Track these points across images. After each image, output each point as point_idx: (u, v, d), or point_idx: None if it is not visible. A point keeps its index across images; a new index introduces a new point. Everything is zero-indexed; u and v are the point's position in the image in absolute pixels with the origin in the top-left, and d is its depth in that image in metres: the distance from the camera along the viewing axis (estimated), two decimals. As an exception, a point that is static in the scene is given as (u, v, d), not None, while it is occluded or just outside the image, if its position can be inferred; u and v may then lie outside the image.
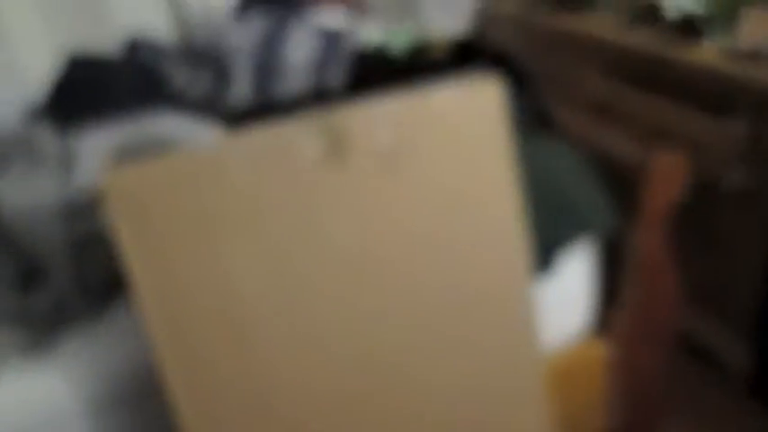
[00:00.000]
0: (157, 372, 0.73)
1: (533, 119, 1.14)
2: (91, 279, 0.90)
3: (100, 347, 0.87)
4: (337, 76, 1.21)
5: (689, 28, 1.45)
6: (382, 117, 0.74)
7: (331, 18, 1.32)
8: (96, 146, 0.97)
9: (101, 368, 0.85)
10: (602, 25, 1.64)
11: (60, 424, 0.84)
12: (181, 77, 1.25)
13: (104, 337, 0.89)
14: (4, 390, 0.83)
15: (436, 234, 0.78)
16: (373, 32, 1.41)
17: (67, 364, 0.86)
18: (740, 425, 1.36)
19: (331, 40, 1.22)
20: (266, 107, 1.20)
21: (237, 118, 1.16)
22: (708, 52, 1.39)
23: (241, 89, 1.23)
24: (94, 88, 1.18)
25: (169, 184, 0.71)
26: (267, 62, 1.22)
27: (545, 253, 0.97)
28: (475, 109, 0.77)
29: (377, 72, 1.19)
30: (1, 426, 0.80)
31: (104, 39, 1.39)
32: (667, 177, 0.99)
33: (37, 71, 1.36)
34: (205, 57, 1.28)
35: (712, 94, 1.33)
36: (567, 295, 1.05)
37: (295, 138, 0.73)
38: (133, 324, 0.89)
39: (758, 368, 1.39)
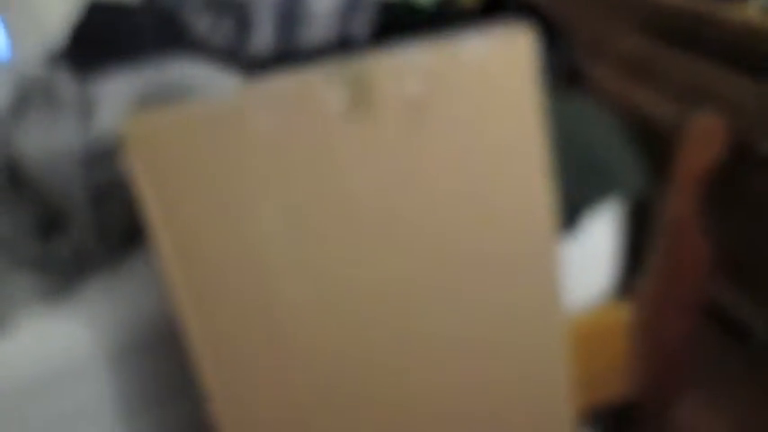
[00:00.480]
0: (176, 320, 0.72)
1: (564, 75, 1.11)
2: (111, 227, 0.89)
3: (120, 295, 0.87)
4: (362, 25, 1.18)
5: (730, -17, 1.39)
6: (410, 66, 0.72)
7: (357, -35, 1.28)
8: (116, 92, 0.95)
9: (121, 316, 0.86)
10: (638, -21, 1.58)
11: (80, 370, 0.84)
12: (202, 24, 1.23)
13: (124, 285, 0.89)
14: (25, 335, 0.84)
15: (462, 189, 0.76)
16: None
17: (87, 311, 0.86)
18: (763, 395, 1.35)
19: (357, -12, 1.19)
20: (289, 56, 1.17)
21: (259, 66, 1.14)
22: (751, 10, 1.33)
23: (263, 37, 1.21)
24: (114, 34, 1.16)
25: (190, 132, 0.69)
26: (290, 10, 1.19)
27: (571, 212, 0.95)
28: (506, 60, 0.74)
29: (403, 22, 1.15)
30: (21, 370, 0.81)
31: (125, -17, 1.37)
32: (704, 140, 0.95)
33: (56, 16, 1.34)
34: (227, 4, 1.25)
35: (753, 55, 1.28)
36: (592, 256, 1.03)
37: (318, 86, 0.71)
38: (153, 272, 0.89)
39: (784, 337, 1.37)
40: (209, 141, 0.69)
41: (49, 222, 0.88)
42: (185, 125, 0.69)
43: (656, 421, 1.24)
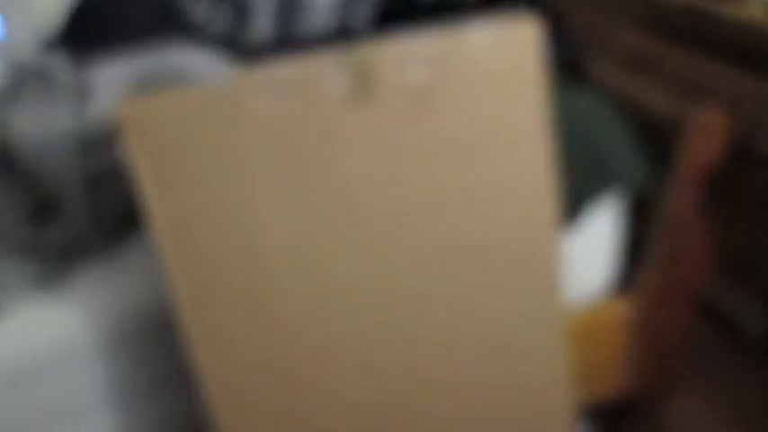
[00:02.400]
0: (173, 308, 0.71)
1: (567, 67, 1.10)
2: (105, 213, 0.88)
3: (114, 282, 0.86)
4: (363, 14, 1.17)
5: (731, -19, 1.39)
6: (413, 54, 0.71)
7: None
8: (112, 77, 0.94)
9: (114, 303, 0.84)
10: (639, -24, 1.58)
11: (72, 357, 0.83)
12: (200, 11, 1.21)
13: (118, 272, 0.88)
14: (17, 322, 0.82)
15: (464, 179, 0.76)
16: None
17: (81, 298, 0.85)
18: (756, 390, 1.35)
19: (358, -24, 1.18)
20: (288, 44, 1.16)
21: (258, 54, 1.12)
22: (752, 7, 1.34)
23: (262, 25, 1.19)
24: (111, 19, 1.14)
25: (188, 117, 0.68)
26: (290, -2, 1.18)
27: (572, 205, 0.95)
28: (511, 50, 0.74)
29: (405, 11, 1.14)
30: (13, 357, 0.80)
31: (122, -31, 1.35)
32: (706, 135, 0.95)
33: (52, 1, 1.32)
34: (226, -9, 1.24)
35: (753, 52, 1.28)
36: (592, 250, 1.03)
37: (320, 72, 0.70)
38: (148, 259, 0.88)
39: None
40: (208, 125, 0.68)
41: (43, 208, 0.87)
42: (183, 108, 0.68)
43: (652, 417, 1.24)
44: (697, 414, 1.32)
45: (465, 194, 0.76)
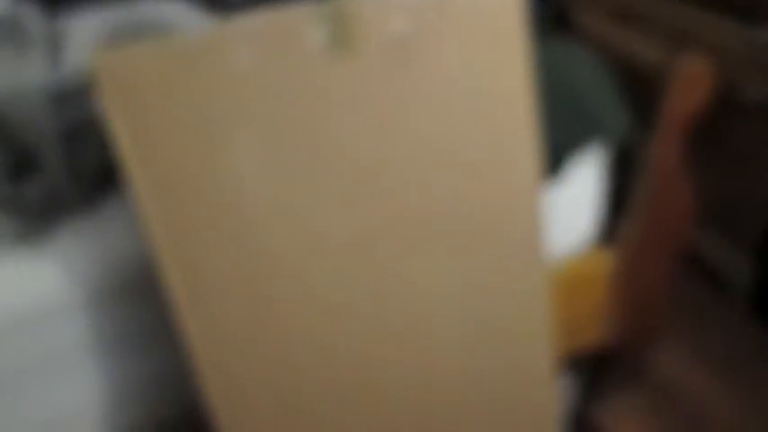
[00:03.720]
0: (153, 263, 0.71)
1: (551, 19, 1.08)
2: (83, 167, 0.86)
3: (94, 238, 0.86)
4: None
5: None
6: (396, 6, 0.69)
7: None
8: (86, 29, 0.92)
9: (95, 259, 0.84)
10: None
11: (54, 314, 0.83)
12: (176, -39, 1.18)
13: (99, 228, 0.87)
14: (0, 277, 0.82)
15: (446, 132, 0.75)
16: None
17: (61, 254, 0.84)
18: (740, 341, 1.38)
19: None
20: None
21: (235, 6, 1.09)
22: (739, -46, 1.31)
23: (240, -24, 1.16)
24: (84, -31, 1.11)
25: (165, 69, 0.66)
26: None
27: (555, 157, 0.94)
28: (494, 2, 0.72)
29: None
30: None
31: None
32: (691, 84, 0.94)
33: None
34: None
35: (740, 1, 1.26)
36: (575, 202, 1.03)
37: (300, 23, 0.68)
38: (128, 214, 0.87)
39: (760, 285, 1.39)
40: (186, 77, 0.66)
41: (21, 163, 0.86)
42: (160, 60, 0.66)
43: (633, 367, 1.26)
44: (680, 364, 1.35)
45: (446, 147, 0.75)
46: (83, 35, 0.89)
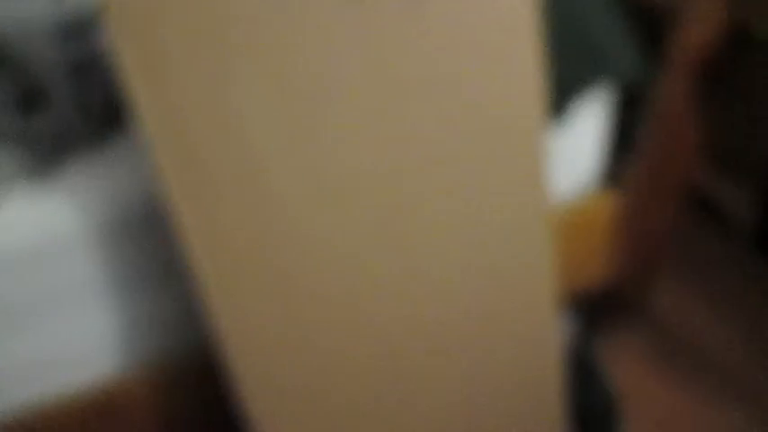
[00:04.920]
0: (163, 199, 0.71)
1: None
2: (91, 103, 0.86)
3: (105, 172, 0.86)
4: None
5: None
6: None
7: None
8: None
9: (105, 193, 0.84)
10: None
11: (65, 248, 0.84)
12: None
13: (108, 163, 0.87)
14: (8, 211, 0.82)
15: (453, 72, 0.75)
16: None
17: (72, 188, 0.84)
18: (743, 280, 1.38)
19: None
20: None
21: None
22: None
23: None
24: None
25: (175, 5, 0.66)
26: None
27: (561, 96, 0.94)
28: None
29: None
30: (8, 245, 0.80)
31: None
32: (702, 21, 0.93)
33: None
34: None
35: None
36: (580, 144, 1.03)
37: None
38: (138, 150, 0.87)
39: (763, 225, 1.39)
40: (194, 12, 0.66)
41: (30, 97, 0.85)
42: (168, -8, 0.65)
43: (635, 307, 1.27)
44: (681, 303, 1.36)
45: (453, 86, 0.75)
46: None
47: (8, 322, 0.84)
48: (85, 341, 0.90)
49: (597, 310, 1.27)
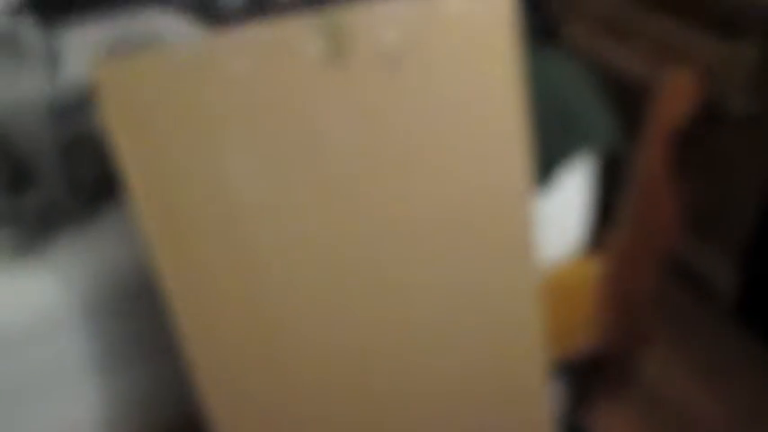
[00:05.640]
0: (152, 273, 0.71)
1: (540, 31, 1.10)
2: (82, 180, 0.87)
3: (92, 249, 0.86)
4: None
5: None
6: (388, 16, 0.71)
7: None
8: (83, 42, 0.93)
9: (93, 270, 0.84)
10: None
11: (51, 326, 0.83)
12: (171, -24, 1.19)
13: (97, 239, 0.87)
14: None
15: (438, 142, 0.76)
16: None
17: (59, 265, 0.84)
18: (725, 348, 1.39)
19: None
20: (260, 9, 1.15)
21: (230, 20, 1.11)
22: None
23: (235, -10, 1.18)
24: (80, -16, 1.12)
25: (164, 79, 0.68)
26: (263, -38, 1.16)
27: (545, 167, 0.96)
28: (485, 14, 0.74)
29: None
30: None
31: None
32: (677, 95, 0.96)
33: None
34: (197, -45, 1.22)
35: (724, 15, 1.29)
36: (564, 210, 1.04)
37: (295, 34, 0.70)
38: (126, 225, 0.87)
39: (745, 292, 1.41)
40: (184, 88, 0.68)
41: (19, 175, 0.86)
42: (159, 70, 0.67)
43: (621, 373, 1.27)
44: (666, 370, 1.36)
45: (437, 154, 0.77)
46: (80, 48, 0.90)
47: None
48: (75, 418, 0.88)
49: (584, 376, 1.26)
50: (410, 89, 0.73)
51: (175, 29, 0.98)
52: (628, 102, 1.00)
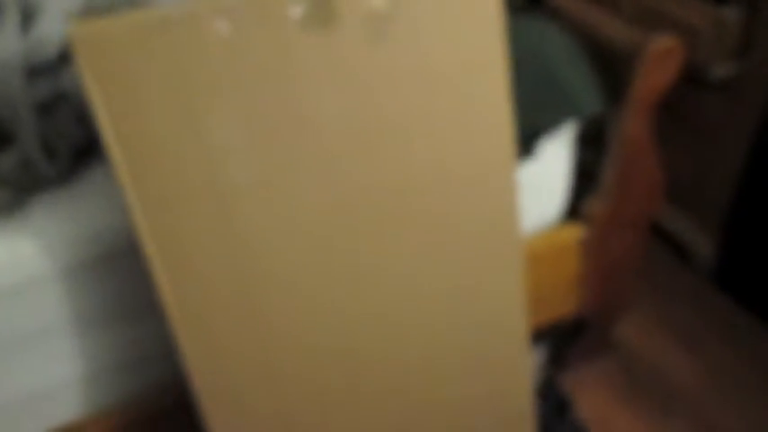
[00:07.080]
0: (133, 234, 0.71)
1: (524, -3, 1.09)
2: (58, 140, 0.85)
3: (70, 211, 0.85)
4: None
5: None
6: (372, -20, 0.70)
7: None
8: (60, 0, 0.90)
9: (71, 231, 0.83)
10: None
11: (30, 287, 0.82)
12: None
13: (75, 201, 0.86)
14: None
15: (421, 107, 0.76)
16: None
17: (37, 227, 0.83)
18: (704, 313, 1.42)
19: None
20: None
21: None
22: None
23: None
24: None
25: (144, 39, 0.66)
26: None
27: (529, 136, 0.96)
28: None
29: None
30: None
31: None
32: (661, 62, 0.96)
33: None
34: None
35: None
36: (547, 178, 1.05)
37: (279, -4, 0.68)
38: (105, 187, 0.86)
39: (725, 260, 1.43)
40: (164, 47, 0.66)
41: (-5, 136, 0.84)
42: (139, 30, 0.65)
43: (600, 338, 1.29)
44: (645, 334, 1.38)
45: (422, 121, 0.76)
46: (56, 7, 0.87)
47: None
48: (51, 380, 0.88)
49: (564, 340, 1.28)
50: (395, 54, 0.72)
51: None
52: (611, 68, 1.00)
